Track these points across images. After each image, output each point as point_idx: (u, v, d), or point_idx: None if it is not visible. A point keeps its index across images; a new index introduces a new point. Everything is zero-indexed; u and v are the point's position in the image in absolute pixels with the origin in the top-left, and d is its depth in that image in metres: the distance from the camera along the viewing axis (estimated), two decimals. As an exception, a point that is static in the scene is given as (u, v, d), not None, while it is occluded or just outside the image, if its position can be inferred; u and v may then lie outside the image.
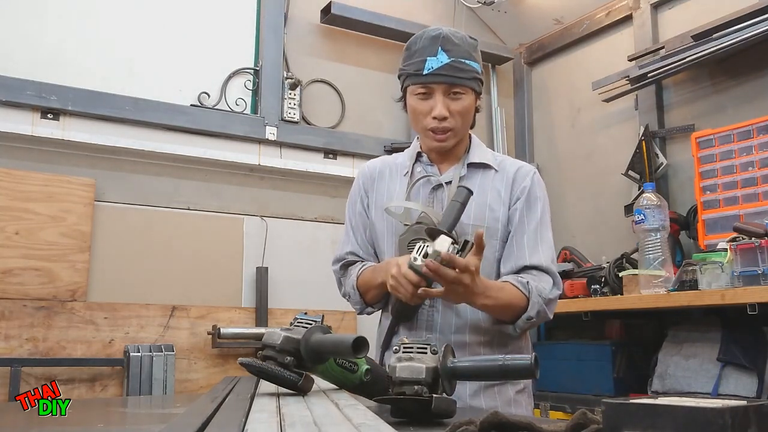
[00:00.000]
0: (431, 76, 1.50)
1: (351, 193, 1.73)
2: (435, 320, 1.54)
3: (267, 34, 3.06)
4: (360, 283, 1.61)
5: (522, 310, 1.48)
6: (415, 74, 1.52)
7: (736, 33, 2.56)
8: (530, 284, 1.48)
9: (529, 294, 1.47)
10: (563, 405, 2.73)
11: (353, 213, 1.70)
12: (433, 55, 1.49)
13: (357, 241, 1.68)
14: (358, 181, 1.72)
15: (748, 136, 2.47)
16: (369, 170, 1.71)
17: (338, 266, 1.69)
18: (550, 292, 1.51)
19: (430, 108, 1.52)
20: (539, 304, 1.48)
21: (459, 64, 1.50)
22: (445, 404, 0.98)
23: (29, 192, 2.49)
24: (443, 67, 1.49)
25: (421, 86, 1.52)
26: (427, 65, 1.49)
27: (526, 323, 1.49)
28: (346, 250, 1.69)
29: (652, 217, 2.51)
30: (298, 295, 2.95)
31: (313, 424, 0.74)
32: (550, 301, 1.51)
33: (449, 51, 1.50)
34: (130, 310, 2.60)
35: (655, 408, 0.65)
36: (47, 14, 2.66)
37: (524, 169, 1.63)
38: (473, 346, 1.53)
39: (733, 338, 2.34)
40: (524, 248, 1.54)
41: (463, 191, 1.45)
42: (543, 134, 3.62)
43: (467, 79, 1.51)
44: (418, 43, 1.53)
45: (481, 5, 3.47)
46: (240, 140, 2.94)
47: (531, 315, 1.47)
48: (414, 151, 1.65)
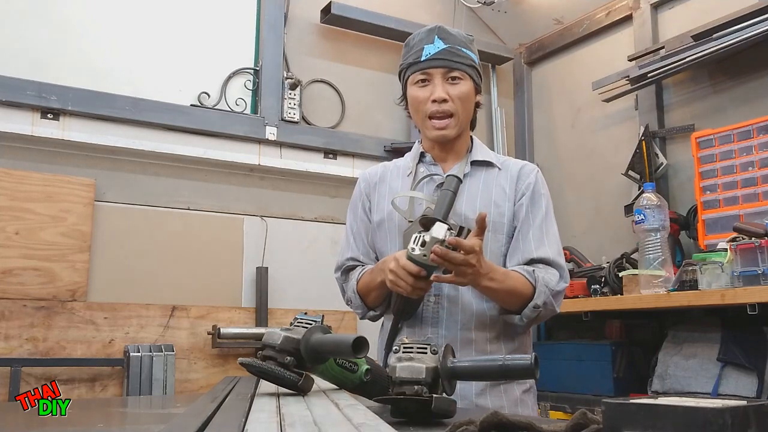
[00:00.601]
0: (429, 61, 1.55)
1: (352, 199, 1.74)
2: (441, 317, 1.54)
3: (267, 34, 3.06)
4: (360, 287, 1.61)
5: (528, 298, 1.48)
6: (414, 62, 1.57)
7: (736, 33, 2.56)
8: (536, 273, 1.49)
9: (535, 282, 1.48)
10: (563, 405, 2.73)
11: (354, 218, 1.70)
12: (430, 43, 1.56)
13: (358, 247, 1.68)
14: (359, 187, 1.73)
15: (748, 136, 2.47)
16: (370, 175, 1.73)
17: (339, 273, 1.70)
18: (557, 284, 1.51)
19: (429, 93, 1.56)
20: (545, 293, 1.48)
21: (455, 50, 1.56)
22: (445, 404, 0.98)
23: (29, 192, 2.49)
24: (440, 52, 1.55)
25: (420, 73, 1.57)
26: (425, 52, 1.56)
27: (532, 312, 1.48)
28: (346, 256, 1.69)
29: (652, 217, 2.51)
30: (298, 295, 2.95)
31: (313, 424, 0.74)
32: (557, 293, 1.52)
33: (445, 39, 1.56)
34: (130, 310, 2.60)
35: (655, 408, 0.65)
36: (47, 14, 2.66)
37: (528, 167, 1.66)
38: (480, 342, 1.54)
39: (733, 338, 2.34)
40: (530, 242, 1.55)
41: (453, 179, 1.47)
42: (543, 134, 3.62)
43: (464, 65, 1.56)
44: (416, 37, 1.61)
45: (481, 5, 3.47)
46: (240, 140, 2.94)
47: (537, 303, 1.47)
48: (417, 152, 1.67)
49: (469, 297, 1.53)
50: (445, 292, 1.54)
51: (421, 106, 1.57)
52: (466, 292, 1.54)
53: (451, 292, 1.54)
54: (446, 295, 1.54)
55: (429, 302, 1.54)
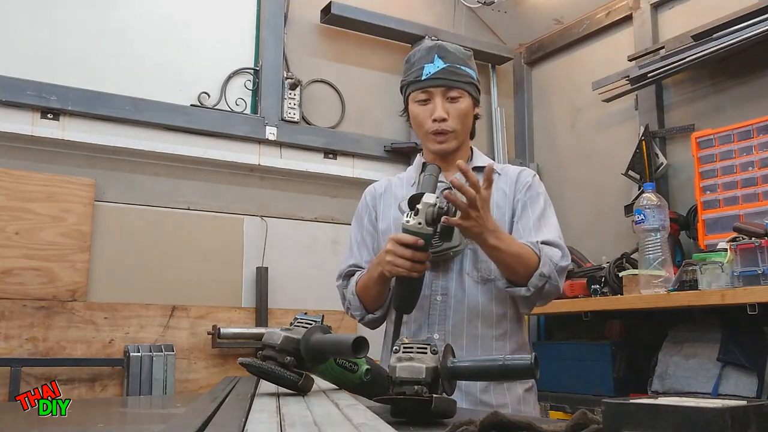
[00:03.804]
0: (429, 80, 1.60)
1: (357, 211, 1.77)
2: (448, 315, 1.55)
3: (267, 34, 3.06)
4: (359, 287, 1.62)
5: (533, 267, 1.48)
6: (415, 81, 1.62)
7: (736, 33, 2.56)
8: (539, 244, 1.52)
9: (539, 252, 1.50)
10: (563, 405, 2.73)
11: (359, 228, 1.73)
12: (430, 62, 1.60)
13: (361, 255, 1.70)
14: (364, 199, 1.77)
15: (748, 136, 2.47)
16: (375, 188, 1.77)
17: (341, 280, 1.71)
18: (560, 259, 1.53)
19: (430, 112, 1.60)
20: (550, 264, 1.49)
21: (455, 69, 1.60)
22: (445, 404, 0.98)
23: (29, 192, 2.49)
24: (440, 72, 1.59)
25: (421, 92, 1.61)
26: (425, 71, 1.60)
27: (539, 280, 1.48)
28: (348, 263, 1.71)
29: (652, 217, 2.51)
30: (298, 295, 2.95)
31: (313, 424, 0.74)
32: (561, 269, 1.53)
33: (445, 57, 1.60)
34: (130, 310, 2.60)
35: (655, 408, 0.65)
36: (47, 14, 2.66)
37: (526, 171, 1.70)
38: (486, 339, 1.55)
39: (733, 338, 2.34)
40: (530, 230, 1.57)
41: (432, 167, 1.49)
42: (543, 134, 3.62)
43: (464, 83, 1.61)
44: (416, 55, 1.66)
45: (481, 5, 3.47)
46: (240, 140, 2.94)
47: (543, 272, 1.48)
48: (419, 163, 1.70)
49: (476, 296, 1.55)
50: (452, 291, 1.56)
51: (423, 124, 1.62)
52: (473, 291, 1.55)
53: (458, 291, 1.56)
54: (453, 294, 1.56)
55: (436, 300, 1.56)
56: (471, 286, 1.55)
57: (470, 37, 3.48)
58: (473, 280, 1.56)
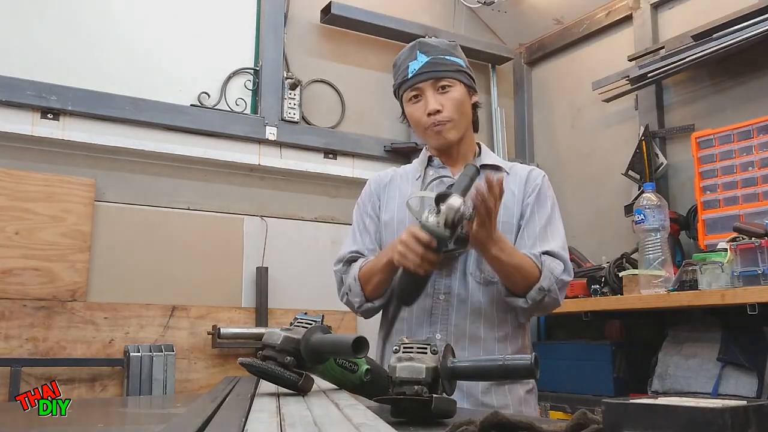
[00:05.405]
0: (416, 77, 1.60)
1: (361, 198, 1.75)
2: (450, 314, 1.55)
3: (267, 34, 3.06)
4: (363, 273, 1.59)
5: (533, 280, 1.49)
6: (404, 81, 1.62)
7: (736, 33, 2.56)
8: (542, 256, 1.51)
9: (541, 266, 1.50)
10: (563, 405, 2.73)
11: (363, 214, 1.71)
12: (414, 59, 1.61)
13: (363, 241, 1.67)
14: (369, 187, 1.75)
15: (748, 136, 2.47)
16: (380, 177, 1.76)
17: (341, 264, 1.67)
18: (561, 273, 1.52)
19: (424, 107, 1.60)
20: (551, 278, 1.49)
21: (439, 60, 1.60)
22: (445, 404, 0.98)
23: (29, 192, 2.49)
24: (425, 65, 1.59)
25: (410, 90, 1.61)
26: (411, 69, 1.61)
27: (538, 294, 1.49)
28: (350, 249, 1.67)
29: (652, 217, 2.51)
30: (298, 295, 2.95)
31: (313, 424, 0.74)
32: (562, 284, 1.53)
33: (427, 52, 1.61)
34: (130, 310, 2.60)
35: (655, 408, 0.65)
36: (47, 14, 2.66)
37: (536, 171, 1.69)
38: (488, 341, 1.55)
39: (733, 338, 2.34)
40: (535, 238, 1.57)
41: (472, 167, 1.47)
42: (543, 134, 3.62)
43: (451, 71, 1.60)
44: (401, 57, 1.65)
45: (481, 5, 3.47)
46: (240, 140, 2.94)
47: (543, 286, 1.48)
48: (425, 157, 1.70)
49: (478, 297, 1.55)
50: (455, 291, 1.55)
51: (420, 121, 1.61)
52: (476, 292, 1.55)
53: (461, 291, 1.55)
54: (456, 294, 1.55)
55: (439, 299, 1.56)
56: (474, 287, 1.55)
57: (470, 37, 3.48)
58: (476, 282, 1.55)
